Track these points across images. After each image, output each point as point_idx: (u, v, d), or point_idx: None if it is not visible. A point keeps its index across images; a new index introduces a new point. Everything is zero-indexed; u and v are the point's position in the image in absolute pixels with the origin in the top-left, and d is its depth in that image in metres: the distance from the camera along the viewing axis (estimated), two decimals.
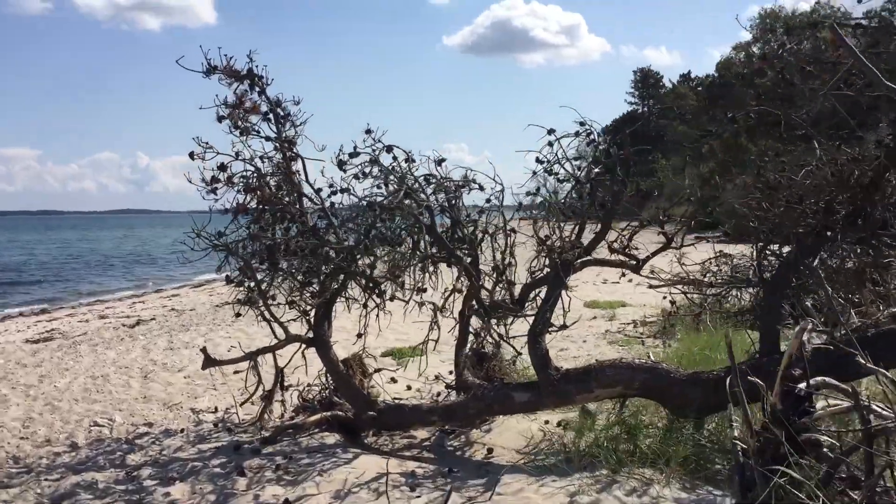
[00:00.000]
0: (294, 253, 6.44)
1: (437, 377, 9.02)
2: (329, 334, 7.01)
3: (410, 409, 6.57)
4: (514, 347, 6.52)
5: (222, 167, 7.12)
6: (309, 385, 7.70)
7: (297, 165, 7.08)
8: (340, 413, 6.95)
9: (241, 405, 7.46)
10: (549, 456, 5.97)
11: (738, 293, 11.42)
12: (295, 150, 6.90)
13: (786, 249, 7.16)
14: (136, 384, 9.17)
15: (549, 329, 6.17)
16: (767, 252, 9.98)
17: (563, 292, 6.14)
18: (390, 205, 6.07)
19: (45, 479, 5.94)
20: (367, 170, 6.36)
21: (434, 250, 6.29)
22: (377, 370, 7.90)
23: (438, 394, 8.24)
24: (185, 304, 18.22)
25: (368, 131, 6.60)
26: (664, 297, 11.61)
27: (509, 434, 6.75)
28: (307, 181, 6.93)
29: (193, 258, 6.91)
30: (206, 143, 7.10)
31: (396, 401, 7.52)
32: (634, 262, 6.71)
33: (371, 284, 6.52)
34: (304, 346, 7.10)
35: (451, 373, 8.61)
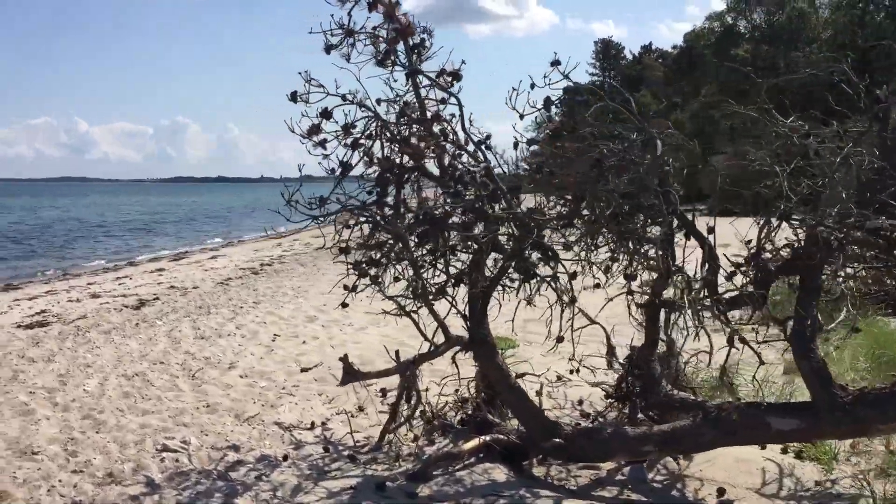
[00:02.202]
0: (468, 227, 4.72)
1: (558, 377, 7.47)
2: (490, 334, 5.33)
3: (611, 436, 4.96)
4: (758, 355, 4.97)
5: (326, 114, 5.42)
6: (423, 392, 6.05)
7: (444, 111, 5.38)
8: (503, 437, 5.32)
9: (391, 430, 5.69)
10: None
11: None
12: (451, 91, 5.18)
13: None
14: (187, 387, 7.35)
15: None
16: None
17: None
18: (622, 161, 4.38)
19: None
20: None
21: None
22: (520, 375, 6.27)
23: (580, 402, 6.67)
24: (181, 281, 16.17)
25: (556, 62, 4.90)
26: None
27: (724, 463, 5.23)
28: (464, 130, 5.20)
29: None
30: (315, 81, 5.40)
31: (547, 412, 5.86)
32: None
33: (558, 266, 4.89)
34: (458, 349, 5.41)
35: (572, 371, 7.04)
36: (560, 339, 5.14)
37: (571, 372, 7.09)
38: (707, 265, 4.61)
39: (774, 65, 48.70)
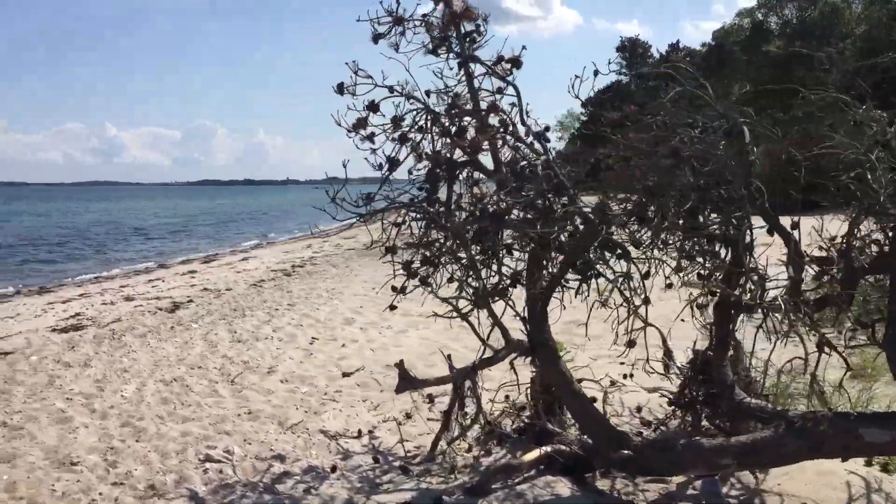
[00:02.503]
0: (532, 224, 4.41)
1: (612, 383, 7.09)
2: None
3: (685, 447, 4.60)
4: (845, 360, 4.60)
5: (372, 106, 5.14)
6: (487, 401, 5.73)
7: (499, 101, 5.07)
8: (565, 447, 4.99)
9: (449, 441, 5.39)
10: None
11: None
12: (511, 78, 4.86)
13: None
14: (227, 392, 7.12)
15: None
16: None
17: None
18: (701, 152, 4.03)
19: None
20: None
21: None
22: (579, 380, 5.94)
23: (639, 409, 6.33)
24: (215, 283, 16.00)
25: (622, 48, 4.58)
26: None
27: (804, 476, 4.84)
28: (523, 122, 4.88)
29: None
30: (363, 71, 5.13)
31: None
32: None
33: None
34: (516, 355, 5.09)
35: (625, 376, 6.66)
36: (632, 344, 4.78)
37: (625, 377, 6.74)
38: (792, 264, 4.25)
39: (809, 60, 47.70)
